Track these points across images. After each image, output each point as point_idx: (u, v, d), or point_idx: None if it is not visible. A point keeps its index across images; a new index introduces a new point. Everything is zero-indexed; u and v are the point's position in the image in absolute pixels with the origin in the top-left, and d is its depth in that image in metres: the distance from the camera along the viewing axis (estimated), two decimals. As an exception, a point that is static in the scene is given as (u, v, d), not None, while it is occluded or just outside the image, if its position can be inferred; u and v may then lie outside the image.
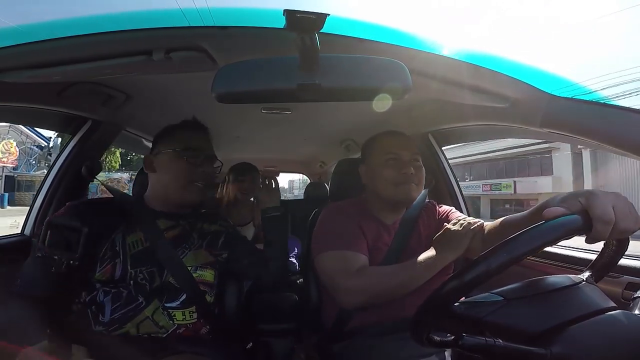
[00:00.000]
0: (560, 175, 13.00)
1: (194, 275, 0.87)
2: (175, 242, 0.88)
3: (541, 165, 13.70)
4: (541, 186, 12.95)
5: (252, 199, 2.19)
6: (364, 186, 1.08)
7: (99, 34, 0.73)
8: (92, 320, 0.78)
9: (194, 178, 0.89)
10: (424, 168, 1.02)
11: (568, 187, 12.19)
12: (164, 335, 0.81)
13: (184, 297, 0.84)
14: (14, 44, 0.72)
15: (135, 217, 0.87)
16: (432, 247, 0.92)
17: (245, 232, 2.11)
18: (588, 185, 12.06)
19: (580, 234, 0.46)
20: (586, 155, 12.23)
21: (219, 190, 2.20)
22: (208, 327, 0.88)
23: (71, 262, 0.63)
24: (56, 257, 0.65)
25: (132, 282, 0.81)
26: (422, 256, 0.90)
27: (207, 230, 0.95)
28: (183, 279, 0.84)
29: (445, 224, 0.95)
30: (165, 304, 0.82)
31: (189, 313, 0.84)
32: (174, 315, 0.82)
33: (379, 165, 1.00)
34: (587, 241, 0.48)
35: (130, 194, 1.34)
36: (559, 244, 0.48)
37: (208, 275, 0.89)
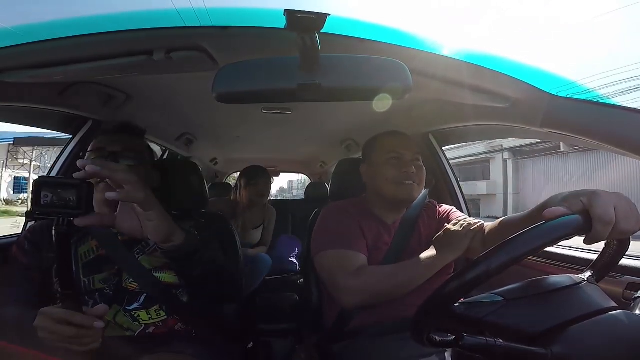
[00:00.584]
0: (495, 180, 15.62)
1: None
2: (126, 246, 0.86)
3: (482, 172, 16.51)
4: (480, 188, 15.71)
5: (265, 202, 2.21)
6: (364, 185, 1.08)
7: (100, 34, 0.73)
8: None
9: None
10: (424, 168, 1.02)
11: (500, 188, 15.09)
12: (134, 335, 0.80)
13: (143, 297, 0.83)
14: (14, 44, 0.72)
15: (87, 228, 0.83)
16: (432, 247, 0.92)
17: (257, 234, 2.15)
18: (510, 186, 14.84)
19: (580, 234, 0.46)
20: (509, 163, 15.06)
21: (232, 195, 2.22)
22: (181, 323, 0.86)
23: (72, 218, 0.59)
24: (55, 216, 0.59)
25: (97, 293, 0.81)
26: (422, 256, 0.90)
27: None
28: (142, 279, 0.84)
29: (445, 224, 0.95)
30: (126, 307, 0.81)
31: (155, 312, 0.83)
32: (138, 316, 0.82)
33: (380, 164, 1.00)
34: (585, 242, 0.48)
35: None
36: (559, 243, 0.48)
37: (167, 277, 0.86)
